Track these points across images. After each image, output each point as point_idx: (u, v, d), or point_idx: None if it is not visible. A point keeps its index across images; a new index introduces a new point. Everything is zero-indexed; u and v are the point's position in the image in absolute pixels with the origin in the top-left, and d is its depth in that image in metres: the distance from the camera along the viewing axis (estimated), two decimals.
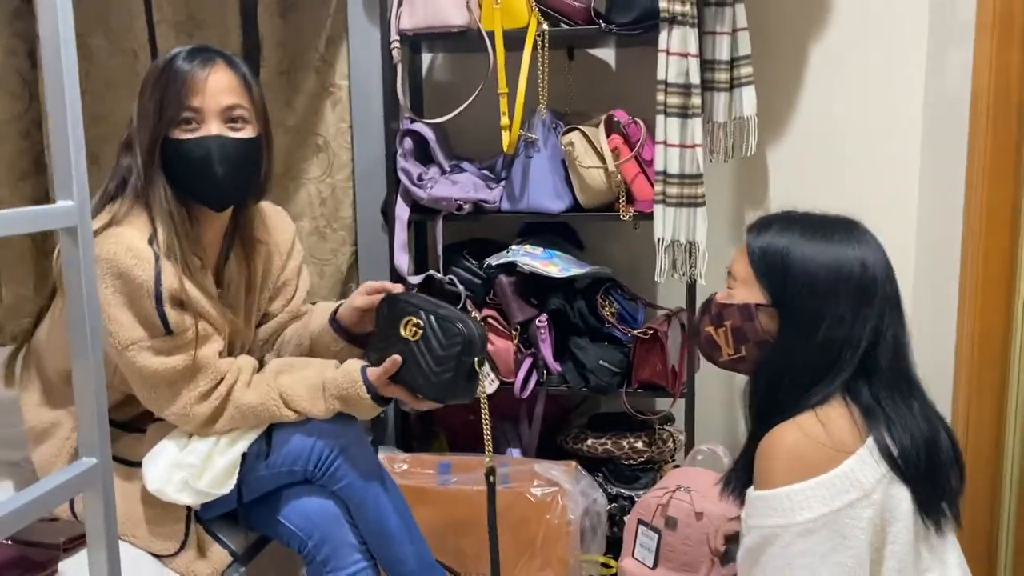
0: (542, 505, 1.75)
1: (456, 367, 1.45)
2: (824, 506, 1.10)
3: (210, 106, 1.44)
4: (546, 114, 2.01)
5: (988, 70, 1.79)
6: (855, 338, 1.19)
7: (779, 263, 1.24)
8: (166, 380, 1.43)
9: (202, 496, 1.42)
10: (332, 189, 2.31)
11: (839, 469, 1.11)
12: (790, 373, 1.21)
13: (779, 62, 2.19)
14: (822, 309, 1.20)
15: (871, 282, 1.21)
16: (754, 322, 1.26)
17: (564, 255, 2.08)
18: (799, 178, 2.23)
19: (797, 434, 1.14)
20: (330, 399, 1.49)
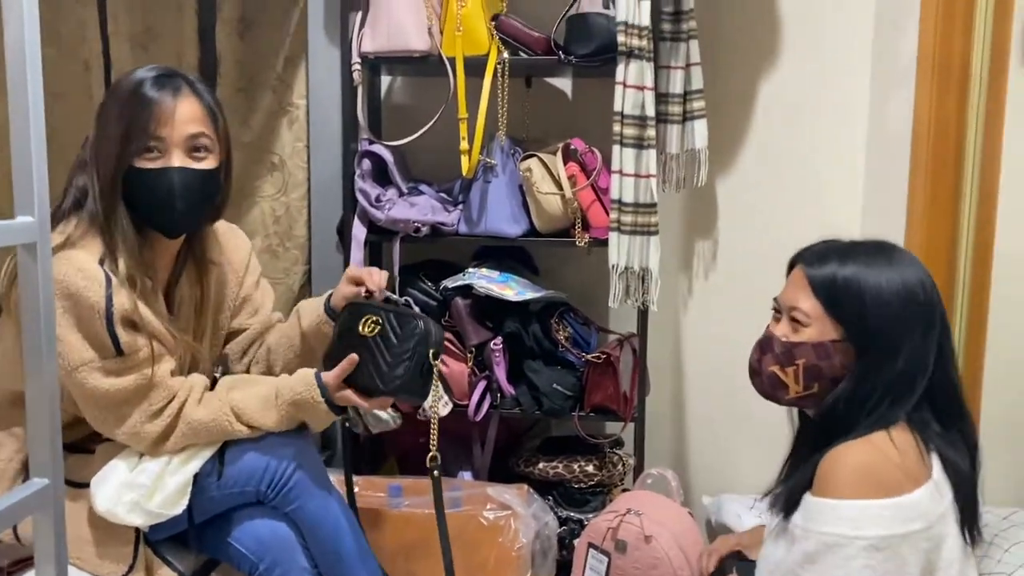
0: (494, 528, 1.76)
1: (411, 358, 1.47)
2: (894, 527, 1.10)
3: (175, 136, 1.42)
4: (505, 140, 2.04)
5: (928, 112, 1.87)
6: (926, 363, 1.19)
7: (851, 294, 1.21)
8: (117, 400, 1.40)
9: (153, 517, 1.40)
10: (286, 208, 2.30)
11: (912, 496, 1.11)
12: (866, 403, 1.20)
13: (730, 97, 2.25)
14: (901, 337, 1.19)
15: (932, 303, 1.21)
16: (831, 359, 1.23)
17: (520, 279, 2.10)
18: (747, 209, 2.29)
19: (871, 451, 1.13)
20: (283, 406, 1.47)
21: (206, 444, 1.47)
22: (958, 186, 1.83)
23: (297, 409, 1.48)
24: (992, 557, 1.90)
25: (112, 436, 1.44)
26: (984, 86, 1.82)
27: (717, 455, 2.36)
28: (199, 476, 1.44)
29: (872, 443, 1.14)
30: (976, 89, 1.83)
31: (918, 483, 1.12)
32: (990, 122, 1.83)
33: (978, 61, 1.80)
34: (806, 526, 1.14)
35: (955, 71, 1.82)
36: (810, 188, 2.26)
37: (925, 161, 1.86)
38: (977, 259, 1.84)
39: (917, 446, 1.16)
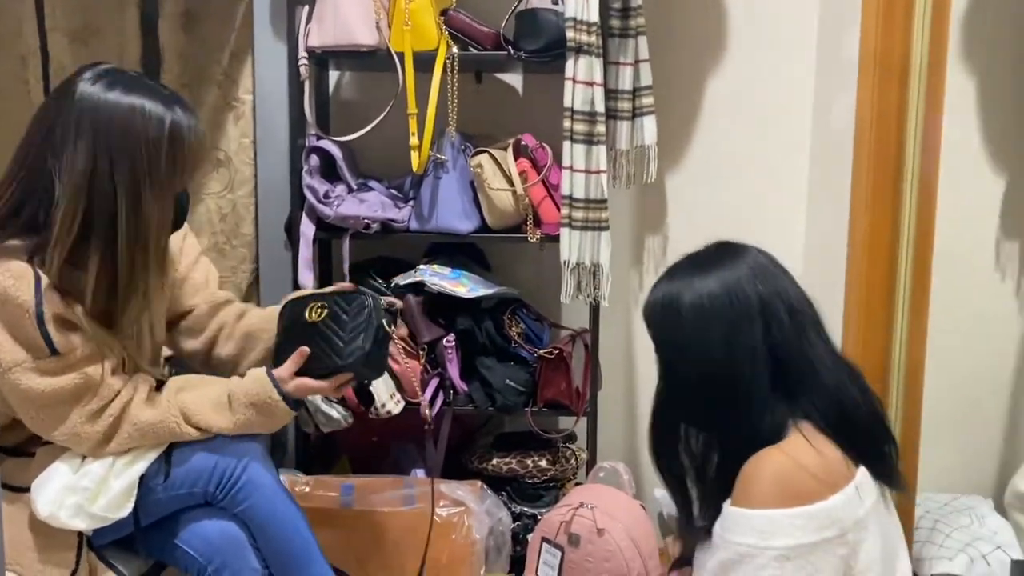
0: (448, 525, 1.75)
1: (366, 329, 1.47)
2: (804, 536, 1.09)
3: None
4: (455, 136, 2.03)
5: (870, 108, 1.91)
6: (742, 349, 1.18)
7: (650, 319, 1.28)
8: (54, 401, 1.36)
9: (97, 521, 1.36)
10: (233, 205, 2.26)
11: (824, 504, 1.10)
12: (695, 407, 1.23)
13: (678, 94, 2.28)
14: (692, 345, 1.21)
15: (735, 298, 1.20)
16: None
17: (472, 275, 2.09)
18: (695, 204, 2.32)
19: (785, 460, 1.13)
20: (239, 408, 1.44)
21: (152, 446, 1.44)
22: (899, 179, 1.87)
23: (256, 411, 1.45)
24: (935, 542, 1.96)
25: (51, 438, 1.40)
26: (924, 82, 1.86)
27: None
28: (145, 478, 1.40)
29: (787, 450, 1.14)
30: (916, 85, 1.87)
31: (835, 488, 1.12)
32: (930, 117, 1.87)
33: (918, 57, 1.84)
34: (722, 535, 1.15)
35: (896, 67, 1.86)
36: (757, 183, 2.30)
37: (867, 155, 1.89)
38: (918, 250, 1.88)
39: (835, 444, 1.15)
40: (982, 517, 2.02)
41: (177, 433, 1.42)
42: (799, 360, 1.20)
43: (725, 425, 1.21)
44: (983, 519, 2.02)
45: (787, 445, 1.15)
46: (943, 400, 2.13)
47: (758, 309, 1.20)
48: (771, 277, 1.23)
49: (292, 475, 1.95)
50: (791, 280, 1.26)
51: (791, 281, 1.26)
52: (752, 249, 1.27)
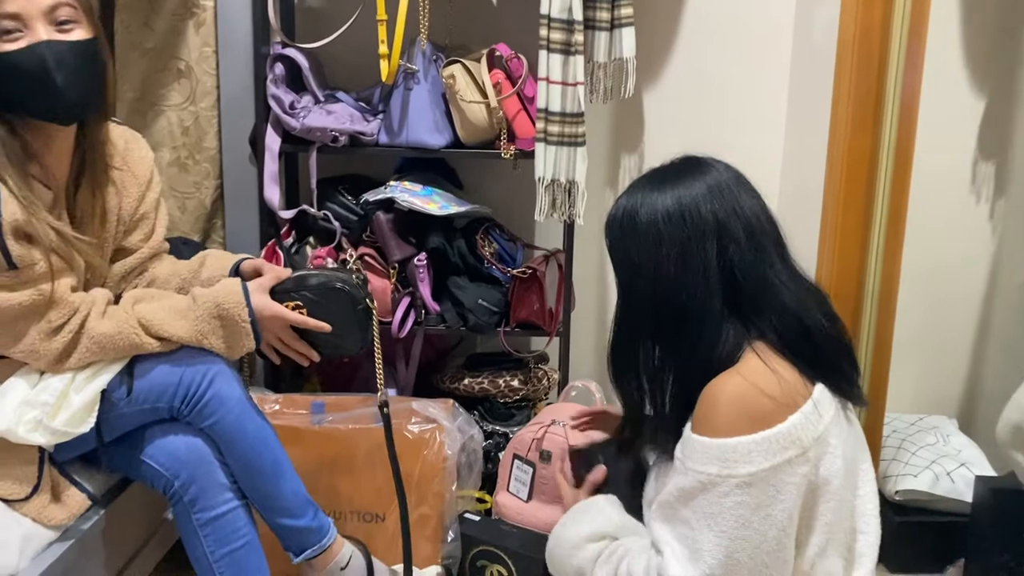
0: (419, 441, 1.74)
1: (353, 317, 1.49)
2: (765, 461, 1.08)
3: (31, 10, 1.30)
4: (427, 45, 1.95)
5: (853, 24, 1.86)
6: (694, 269, 1.16)
7: (608, 235, 1.25)
8: (12, 316, 1.31)
9: (58, 436, 1.32)
10: (195, 118, 2.17)
11: (782, 426, 1.09)
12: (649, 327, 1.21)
13: (657, 7, 2.21)
14: (643, 263, 1.19)
15: (690, 216, 1.17)
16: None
17: (444, 193, 2.04)
18: (673, 120, 2.27)
19: (743, 384, 1.11)
20: (202, 317, 1.40)
21: (113, 360, 1.39)
22: (881, 96, 1.84)
23: (220, 323, 1.41)
24: (901, 460, 1.99)
25: (8, 354, 1.35)
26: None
27: None
28: (107, 392, 1.36)
29: (744, 374, 1.13)
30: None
31: (793, 408, 1.11)
32: (913, 33, 1.83)
33: None
34: (684, 462, 1.15)
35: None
36: (736, 100, 2.26)
37: (849, 71, 1.85)
38: (897, 168, 1.86)
39: (790, 363, 1.14)
40: (947, 436, 2.06)
41: (137, 344, 1.37)
42: (757, 280, 1.18)
43: (679, 346, 1.19)
44: (948, 438, 2.05)
45: (743, 368, 1.13)
46: (912, 321, 2.15)
47: (713, 228, 1.17)
48: (730, 195, 1.19)
49: (262, 393, 1.93)
50: (755, 198, 1.22)
51: (754, 199, 1.22)
52: (717, 165, 1.23)
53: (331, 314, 1.48)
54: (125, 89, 2.14)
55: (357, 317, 1.49)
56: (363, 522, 1.77)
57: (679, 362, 1.20)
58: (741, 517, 1.09)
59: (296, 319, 1.46)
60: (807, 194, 2.04)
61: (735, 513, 1.09)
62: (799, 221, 2.13)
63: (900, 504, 1.93)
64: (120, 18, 2.10)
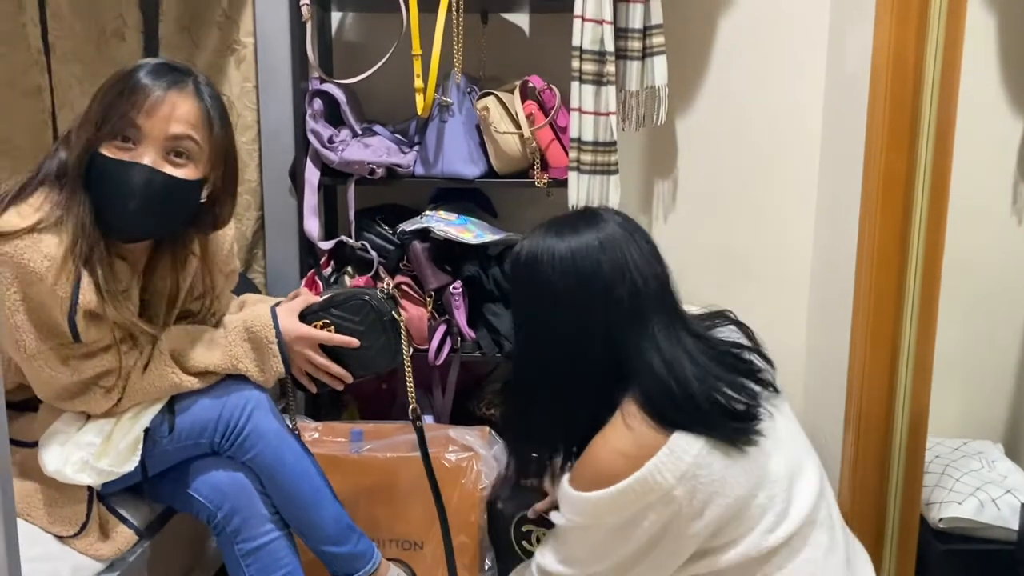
0: (457, 470, 1.75)
1: (383, 330, 1.52)
2: (625, 510, 1.17)
3: (155, 131, 1.31)
4: (461, 78, 1.98)
5: (887, 49, 1.85)
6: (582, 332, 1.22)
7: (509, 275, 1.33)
8: (75, 391, 1.37)
9: (104, 476, 1.36)
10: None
11: (637, 474, 1.16)
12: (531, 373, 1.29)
13: (690, 34, 2.22)
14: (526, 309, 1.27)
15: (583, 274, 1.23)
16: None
17: (478, 221, 2.07)
18: (706, 148, 2.28)
19: (603, 447, 1.20)
20: (234, 342, 1.44)
21: (155, 400, 1.43)
22: (916, 120, 1.83)
23: (251, 346, 1.45)
24: (944, 487, 1.96)
25: (60, 405, 1.40)
26: (943, 20, 1.81)
27: None
28: (150, 431, 1.40)
29: (605, 434, 1.20)
30: (935, 23, 1.81)
31: (646, 457, 1.16)
32: (948, 56, 1.82)
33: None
34: (560, 505, 1.25)
35: (914, 4, 1.80)
36: (769, 126, 2.26)
37: (883, 97, 1.85)
38: (934, 195, 1.85)
39: (645, 415, 1.19)
40: (992, 461, 2.02)
41: (177, 384, 1.41)
42: (631, 346, 1.22)
43: (561, 397, 1.26)
44: (993, 463, 2.01)
45: (607, 429, 1.21)
46: (955, 344, 2.12)
47: (600, 288, 1.22)
48: (620, 251, 1.24)
49: (302, 421, 1.95)
50: (642, 254, 1.26)
51: (642, 255, 1.26)
52: (612, 218, 1.29)
53: (359, 329, 1.51)
54: None
55: (385, 330, 1.52)
56: (402, 550, 1.79)
57: (566, 414, 1.27)
58: (605, 540, 1.20)
59: (324, 336, 1.50)
60: (843, 218, 2.03)
61: (600, 537, 1.21)
62: (835, 245, 2.12)
63: (944, 532, 1.90)
64: (163, 56, 2.16)
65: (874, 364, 1.91)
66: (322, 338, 1.50)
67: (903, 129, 1.85)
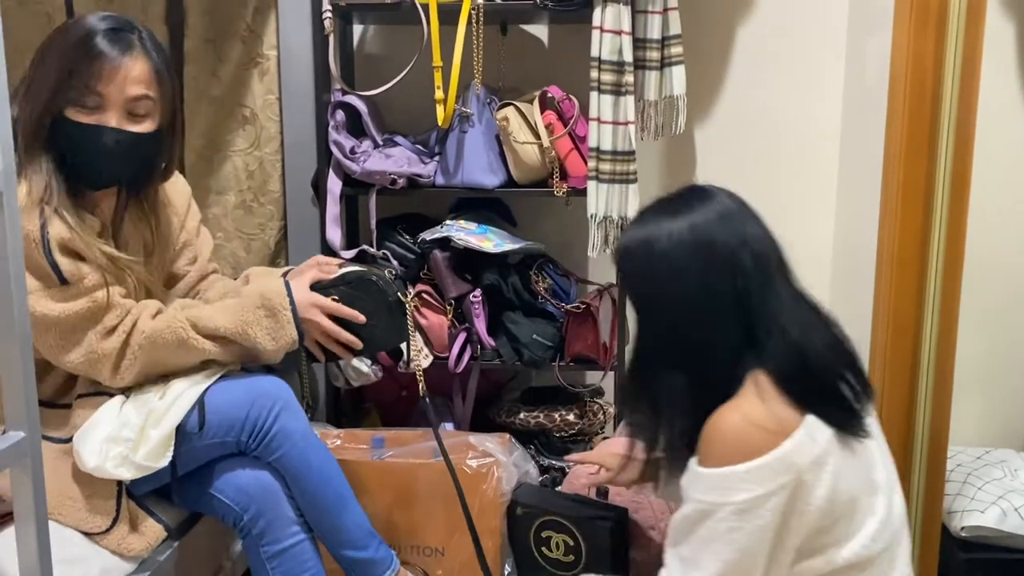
0: (477, 476, 1.77)
1: (388, 309, 1.57)
2: (760, 487, 1.11)
3: (115, 95, 1.40)
4: (480, 89, 2.01)
5: (905, 57, 1.86)
6: (718, 301, 1.18)
7: (621, 264, 1.27)
8: (69, 325, 1.39)
9: (141, 470, 1.39)
10: (259, 162, 2.26)
11: (776, 452, 1.11)
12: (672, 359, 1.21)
13: (707, 44, 2.23)
14: (663, 291, 1.20)
15: (705, 243, 1.18)
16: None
17: (498, 230, 2.09)
18: (726, 157, 2.29)
19: (737, 417, 1.14)
20: (247, 308, 1.48)
21: (173, 369, 1.47)
22: (935, 127, 1.83)
23: (264, 312, 1.48)
24: (967, 495, 1.95)
25: (69, 363, 1.42)
26: (962, 26, 1.81)
27: None
28: (181, 427, 1.42)
29: (739, 408, 1.15)
30: (954, 30, 1.82)
31: (783, 435, 1.13)
32: (967, 63, 1.82)
33: (956, 1, 1.78)
34: (687, 490, 1.19)
35: (932, 12, 1.81)
36: (789, 134, 2.26)
37: (902, 103, 1.85)
38: (954, 202, 1.85)
39: (781, 390, 1.16)
40: (1015, 470, 2.01)
41: (184, 339, 1.44)
42: (763, 312, 1.19)
43: (696, 377, 1.20)
44: (1016, 472, 2.00)
45: (739, 400, 1.16)
46: (977, 352, 2.11)
47: (725, 257, 1.19)
48: (739, 222, 1.21)
49: (323, 428, 1.98)
50: (760, 225, 1.24)
51: (759, 226, 1.24)
52: (720, 193, 1.25)
53: (366, 305, 1.57)
54: (194, 136, 2.24)
55: (389, 308, 1.58)
56: (423, 556, 1.80)
57: (695, 393, 1.20)
58: (735, 542, 1.13)
59: (334, 307, 1.54)
60: (862, 226, 2.03)
61: (729, 538, 1.13)
62: (854, 253, 2.12)
63: (966, 541, 1.89)
64: (188, 69, 2.20)
65: (895, 372, 1.91)
66: (332, 308, 1.54)
67: (922, 137, 1.86)
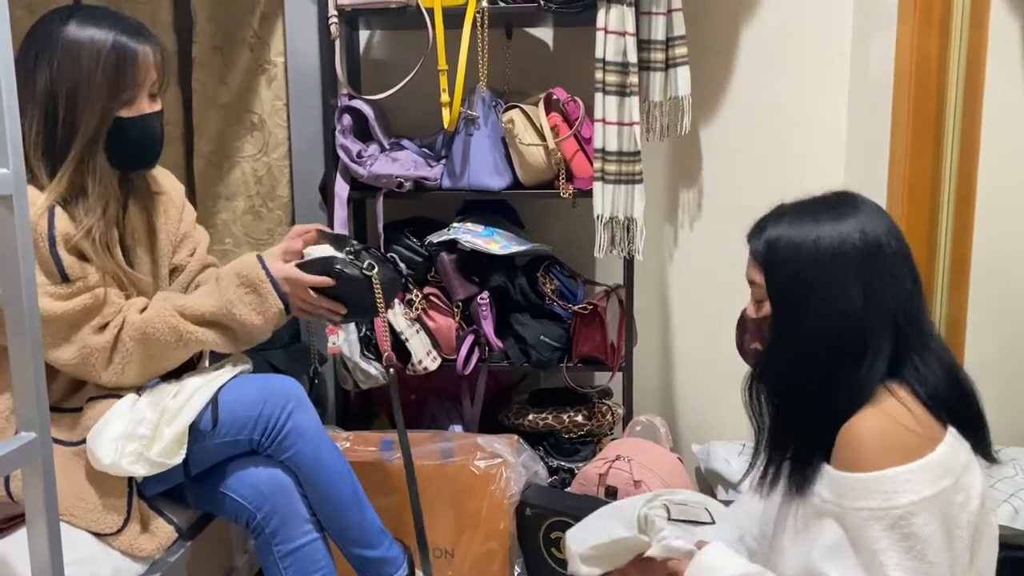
0: (486, 477, 1.77)
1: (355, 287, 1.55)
2: (925, 489, 1.07)
3: (145, 84, 1.47)
4: (486, 92, 2.02)
5: (909, 55, 1.86)
6: (877, 310, 1.14)
7: (775, 259, 1.18)
8: (67, 322, 1.41)
9: (156, 467, 1.39)
10: (268, 168, 2.28)
11: (935, 454, 1.08)
12: (813, 362, 1.15)
13: (712, 44, 2.24)
14: (824, 292, 1.14)
15: (874, 248, 1.15)
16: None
17: (504, 233, 2.09)
18: (731, 157, 2.29)
19: (885, 419, 1.10)
20: (228, 287, 1.49)
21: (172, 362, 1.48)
22: (940, 125, 1.83)
23: (246, 289, 1.49)
24: None
25: (62, 362, 1.43)
26: (966, 24, 1.82)
27: (705, 403, 2.39)
28: (195, 425, 1.43)
29: (883, 410, 1.11)
30: (958, 28, 1.82)
31: (937, 440, 1.10)
32: (972, 61, 1.83)
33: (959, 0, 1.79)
34: (840, 503, 1.11)
35: (937, 10, 1.81)
36: (794, 133, 2.26)
37: (907, 102, 1.85)
38: (960, 199, 1.85)
39: (920, 400, 1.12)
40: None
41: (174, 326, 1.45)
42: (916, 327, 1.15)
43: (838, 380, 1.15)
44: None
45: (883, 406, 1.12)
46: (986, 349, 2.10)
47: (889, 267, 1.15)
48: (900, 236, 1.18)
49: (332, 431, 1.99)
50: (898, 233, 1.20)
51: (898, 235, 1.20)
52: (873, 202, 1.22)
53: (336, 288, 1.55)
54: (203, 142, 2.26)
55: (355, 286, 1.55)
56: (433, 557, 1.80)
57: (830, 397, 1.15)
58: (911, 549, 1.07)
59: (308, 279, 1.53)
60: None
61: (904, 546, 1.07)
62: None
63: None
64: (197, 76, 2.22)
65: None
66: (307, 280, 1.53)
67: (928, 134, 1.86)
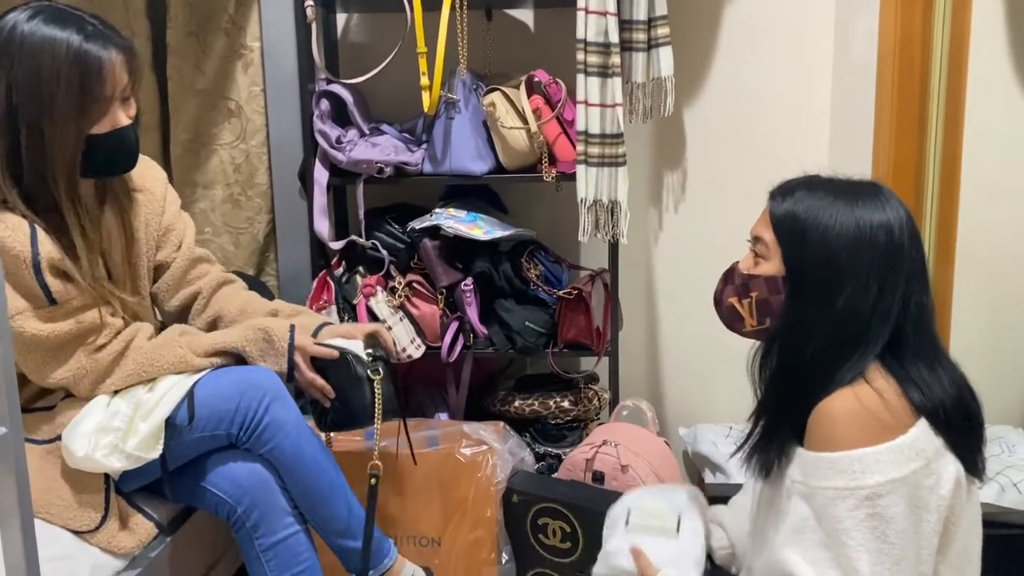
0: (472, 464, 1.76)
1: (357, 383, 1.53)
2: (893, 471, 1.08)
3: (115, 94, 1.41)
4: (466, 75, 1.99)
5: (893, 36, 1.85)
6: (884, 307, 1.14)
7: (798, 232, 1.17)
8: (57, 344, 1.39)
9: (132, 460, 1.38)
10: (246, 155, 2.24)
11: (906, 437, 1.09)
12: (812, 345, 1.16)
13: (695, 24, 2.22)
14: (842, 278, 1.14)
15: (897, 248, 1.15)
16: (781, 295, 1.20)
17: (488, 218, 2.07)
18: (714, 138, 2.27)
19: (855, 402, 1.11)
20: (249, 328, 1.49)
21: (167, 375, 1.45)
22: (924, 106, 1.82)
23: (262, 337, 1.48)
24: None
25: (53, 381, 1.42)
26: (949, 3, 1.80)
27: (692, 386, 2.38)
28: (171, 420, 1.41)
29: (856, 394, 1.12)
30: (941, 6, 1.81)
31: (909, 425, 1.11)
32: (956, 40, 1.82)
33: None
34: (807, 483, 1.12)
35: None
36: (778, 114, 2.25)
37: (891, 81, 1.84)
38: (944, 179, 1.84)
39: (897, 389, 1.13)
40: (1012, 446, 2.01)
41: (181, 356, 1.44)
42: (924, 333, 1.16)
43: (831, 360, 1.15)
44: (1013, 448, 2.00)
45: (853, 389, 1.13)
46: (972, 328, 2.10)
47: (909, 264, 1.15)
48: (917, 233, 1.18)
49: None
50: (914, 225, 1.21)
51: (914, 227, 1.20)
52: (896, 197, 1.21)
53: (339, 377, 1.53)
54: (179, 130, 2.22)
55: (358, 383, 1.53)
56: (419, 546, 1.79)
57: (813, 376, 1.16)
58: (875, 529, 1.07)
59: (314, 348, 1.52)
60: None
61: (868, 525, 1.08)
62: None
63: None
64: (172, 62, 2.18)
65: None
66: (313, 350, 1.52)
67: (912, 115, 1.85)
